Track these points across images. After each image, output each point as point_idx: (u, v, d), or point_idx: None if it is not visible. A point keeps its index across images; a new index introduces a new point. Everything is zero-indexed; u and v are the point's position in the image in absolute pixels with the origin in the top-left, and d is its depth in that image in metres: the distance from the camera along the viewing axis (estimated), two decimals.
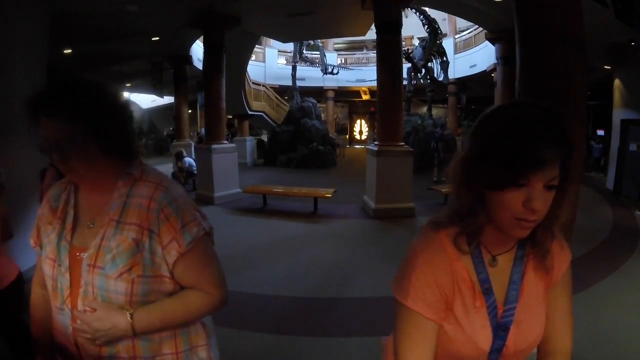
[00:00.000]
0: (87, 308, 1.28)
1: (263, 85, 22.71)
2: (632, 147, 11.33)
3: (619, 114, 11.95)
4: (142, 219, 1.30)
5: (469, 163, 1.04)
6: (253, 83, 21.18)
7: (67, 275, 1.32)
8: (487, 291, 1.11)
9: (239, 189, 10.80)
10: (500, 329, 1.11)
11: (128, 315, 1.27)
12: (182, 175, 12.26)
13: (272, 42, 23.65)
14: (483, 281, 1.11)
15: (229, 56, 11.05)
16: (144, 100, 28.48)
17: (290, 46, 22.90)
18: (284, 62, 25.95)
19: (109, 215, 1.32)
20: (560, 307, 1.18)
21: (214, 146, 10.34)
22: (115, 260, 1.26)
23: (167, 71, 15.20)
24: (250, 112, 19.97)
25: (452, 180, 1.10)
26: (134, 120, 1.42)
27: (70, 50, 9.87)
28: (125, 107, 1.36)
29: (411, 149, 8.78)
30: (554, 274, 1.16)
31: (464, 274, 1.11)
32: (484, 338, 1.10)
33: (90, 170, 1.29)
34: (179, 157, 12.53)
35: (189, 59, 14.94)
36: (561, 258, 1.18)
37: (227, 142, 11.13)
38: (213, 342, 1.53)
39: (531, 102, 1.02)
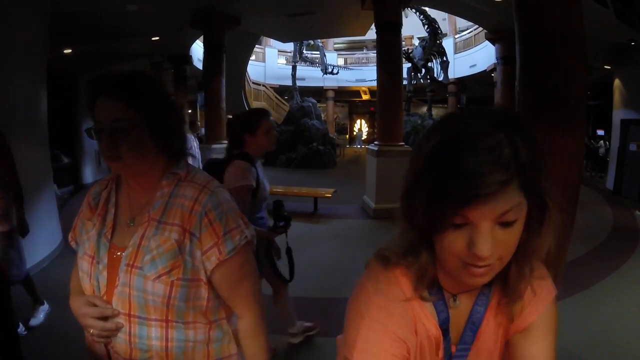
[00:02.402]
0: (120, 310, 1.25)
1: (263, 85, 22.77)
2: (632, 147, 11.33)
3: (619, 114, 11.96)
4: (184, 220, 1.26)
5: (404, 196, 0.83)
6: (253, 83, 21.25)
7: (105, 274, 1.28)
8: (444, 332, 0.92)
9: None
10: None
11: None
12: None
13: (272, 42, 23.69)
14: (442, 322, 0.91)
15: (229, 56, 11.04)
16: None
17: (290, 46, 22.92)
18: (284, 62, 26.00)
19: (149, 214, 1.28)
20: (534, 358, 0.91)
21: (214, 146, 10.29)
22: (155, 261, 1.23)
23: (167, 71, 15.23)
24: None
25: (397, 213, 0.89)
26: (184, 123, 1.42)
27: (70, 51, 9.85)
28: (179, 108, 1.38)
29: (411, 149, 8.72)
30: (519, 321, 0.92)
31: (429, 324, 0.91)
32: None
33: (138, 161, 1.25)
34: None
35: (189, 58, 14.96)
36: (534, 303, 0.92)
37: (227, 142, 11.06)
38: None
39: (477, 111, 0.78)
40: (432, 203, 0.73)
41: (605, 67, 11.90)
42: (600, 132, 17.20)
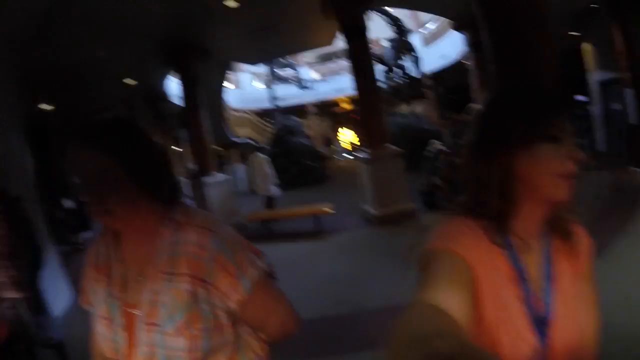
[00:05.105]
0: None
1: (243, 111, 22.73)
2: (616, 106, 11.43)
3: (595, 76, 12.05)
4: (193, 268, 1.20)
5: (487, 140, 1.00)
6: (233, 110, 21.20)
7: (123, 334, 1.24)
8: (522, 280, 0.97)
9: (241, 218, 10.37)
10: (540, 324, 0.95)
11: None
12: None
13: (244, 65, 23.64)
14: (519, 269, 0.98)
15: (205, 87, 11.11)
16: None
17: (262, 67, 22.95)
18: (260, 84, 25.94)
19: (156, 267, 1.22)
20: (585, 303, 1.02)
21: (207, 179, 10.31)
22: (173, 316, 1.18)
23: (144, 111, 15.20)
24: (234, 139, 19.90)
25: (467, 171, 1.04)
26: (172, 167, 1.37)
27: (49, 107, 9.89)
28: (164, 153, 1.33)
29: (399, 150, 8.68)
30: (580, 262, 1.04)
31: (500, 257, 0.98)
32: (525, 331, 0.94)
33: (129, 213, 1.21)
34: None
35: (164, 95, 15.02)
36: (584, 244, 1.07)
37: (218, 173, 11.08)
38: None
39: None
40: (538, 120, 0.95)
41: (574, 33, 12.03)
42: (581, 98, 17.34)
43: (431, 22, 21.20)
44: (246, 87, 25.86)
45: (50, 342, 3.71)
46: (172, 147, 16.67)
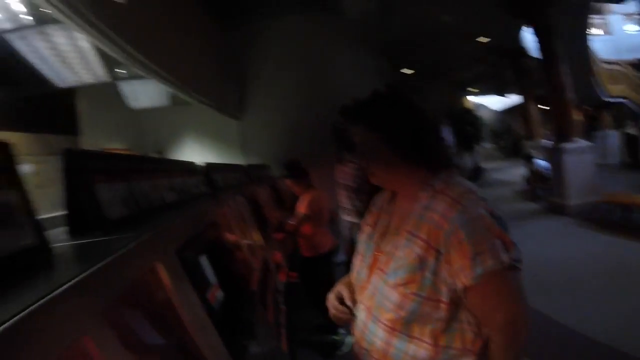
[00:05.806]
0: (365, 303, 1.45)
1: (617, 64, 18.68)
2: None
3: None
4: (431, 236, 1.27)
5: None
6: (604, 62, 17.78)
7: (366, 271, 1.48)
8: None
9: (597, 197, 8.69)
10: None
11: None
12: (534, 179, 11.34)
13: (613, 6, 19.29)
14: None
15: (564, 36, 9.81)
16: (497, 102, 27.40)
17: (635, 6, 18.30)
18: (637, 27, 21.11)
19: (406, 226, 1.36)
20: None
21: (565, 146, 9.11)
22: (397, 271, 1.31)
23: (508, 69, 15.02)
24: (606, 99, 16.98)
25: None
26: (439, 134, 1.52)
27: (409, 71, 11.11)
28: (428, 122, 1.42)
29: None
30: None
31: None
32: None
33: (389, 176, 1.44)
34: (528, 159, 11.84)
35: (522, 50, 14.04)
36: None
37: (580, 139, 9.49)
38: None
39: None
40: None
41: None
42: None
43: None
44: (618, 33, 21.12)
45: None
46: (537, 105, 15.70)
